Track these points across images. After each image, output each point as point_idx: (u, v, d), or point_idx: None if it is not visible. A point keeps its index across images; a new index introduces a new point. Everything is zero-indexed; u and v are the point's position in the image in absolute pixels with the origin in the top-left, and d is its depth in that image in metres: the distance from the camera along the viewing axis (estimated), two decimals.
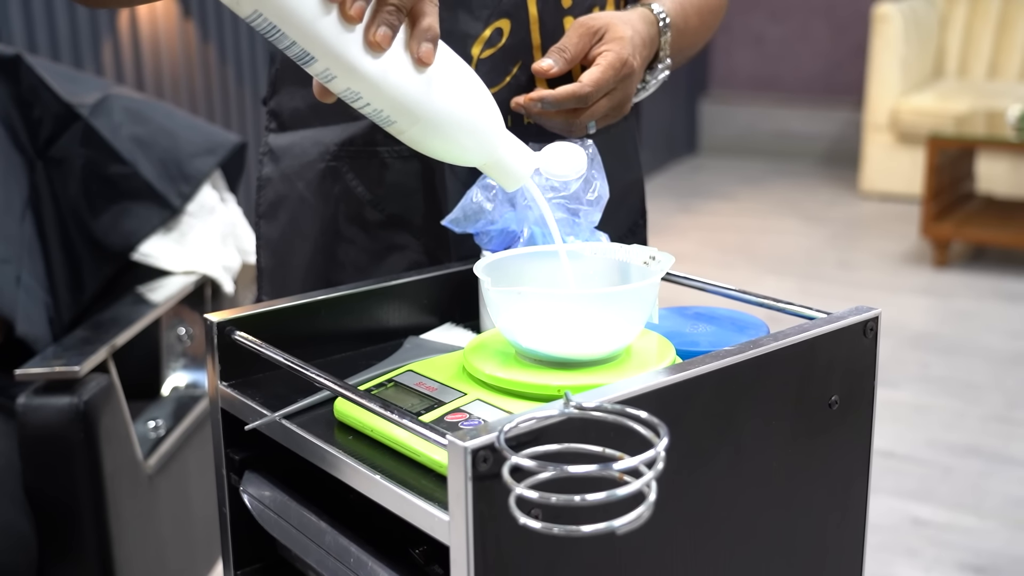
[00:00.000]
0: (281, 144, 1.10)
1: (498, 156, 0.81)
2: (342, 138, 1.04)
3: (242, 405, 0.81)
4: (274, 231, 1.11)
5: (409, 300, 0.94)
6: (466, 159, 0.81)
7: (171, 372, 1.83)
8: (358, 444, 0.72)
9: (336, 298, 0.89)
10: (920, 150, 4.59)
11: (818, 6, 5.54)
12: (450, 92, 0.78)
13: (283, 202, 1.10)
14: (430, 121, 0.77)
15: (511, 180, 0.82)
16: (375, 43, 0.74)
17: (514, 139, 0.82)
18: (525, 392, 0.72)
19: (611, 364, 0.75)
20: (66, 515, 1.37)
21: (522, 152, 0.82)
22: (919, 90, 4.81)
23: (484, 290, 0.75)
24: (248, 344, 0.81)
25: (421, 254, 1.04)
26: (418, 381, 0.77)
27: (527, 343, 0.74)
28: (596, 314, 0.73)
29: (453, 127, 0.78)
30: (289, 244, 1.10)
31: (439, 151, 0.80)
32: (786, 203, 4.85)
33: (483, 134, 0.80)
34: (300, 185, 1.08)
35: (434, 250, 1.04)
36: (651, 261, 0.79)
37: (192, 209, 1.80)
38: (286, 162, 1.09)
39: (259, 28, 0.73)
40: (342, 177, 1.05)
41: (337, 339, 0.90)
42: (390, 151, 1.02)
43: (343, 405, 0.75)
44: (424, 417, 0.71)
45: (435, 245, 1.04)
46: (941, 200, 3.98)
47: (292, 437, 0.75)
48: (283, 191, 1.09)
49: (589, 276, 0.82)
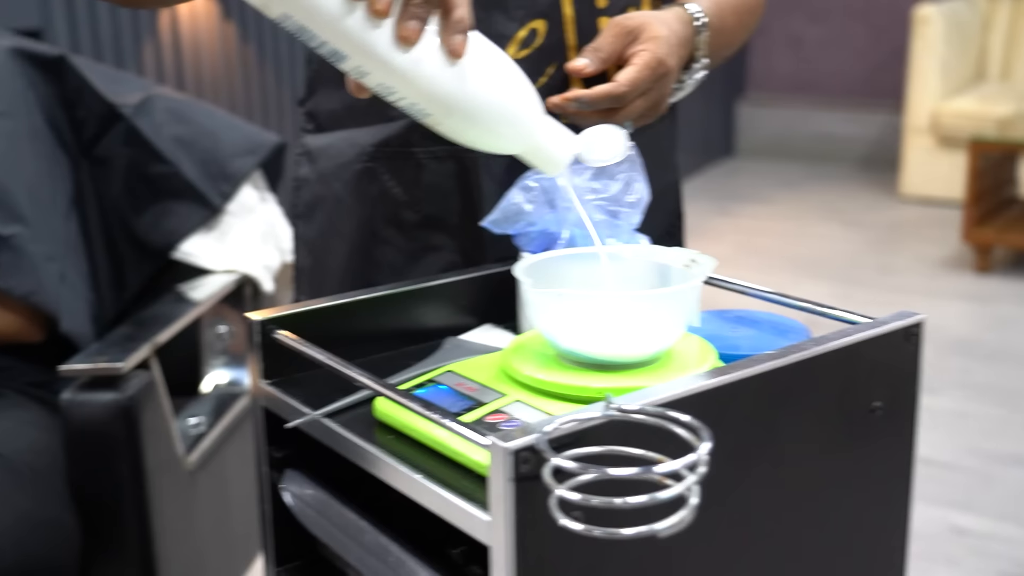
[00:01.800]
0: (318, 145, 1.10)
1: (537, 142, 0.80)
2: (378, 139, 1.04)
3: (283, 403, 0.81)
4: (311, 231, 1.11)
5: (448, 301, 0.94)
6: (505, 147, 0.81)
7: (211, 369, 1.85)
8: (398, 444, 0.72)
9: (376, 298, 0.89)
10: (961, 154, 4.53)
11: (857, 8, 5.49)
12: (485, 82, 0.77)
13: (320, 203, 1.10)
14: (465, 112, 0.77)
15: (552, 165, 0.81)
16: (405, 37, 0.74)
17: (553, 124, 0.82)
18: (565, 394, 0.72)
19: (652, 367, 0.75)
20: (109, 510, 1.39)
21: (562, 137, 0.82)
22: (960, 93, 4.76)
23: (524, 291, 0.76)
24: (289, 343, 0.82)
25: (457, 255, 1.04)
26: (458, 382, 0.78)
27: (567, 344, 0.74)
28: (637, 316, 0.73)
29: (489, 117, 0.78)
30: (326, 244, 1.10)
31: (476, 141, 0.80)
32: (825, 207, 4.81)
33: (520, 122, 0.80)
34: (337, 186, 1.08)
35: (470, 251, 1.04)
36: (692, 264, 0.79)
37: (232, 208, 1.82)
38: (323, 163, 1.10)
39: (289, 29, 0.74)
40: (378, 178, 1.05)
41: (377, 339, 0.90)
42: (426, 152, 1.03)
43: (383, 405, 0.75)
44: (464, 418, 0.71)
45: (471, 246, 1.04)
46: (983, 205, 3.93)
47: (332, 436, 0.76)
48: (320, 192, 1.10)
49: (629, 278, 0.82)
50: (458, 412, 0.73)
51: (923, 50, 4.64)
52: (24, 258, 1.54)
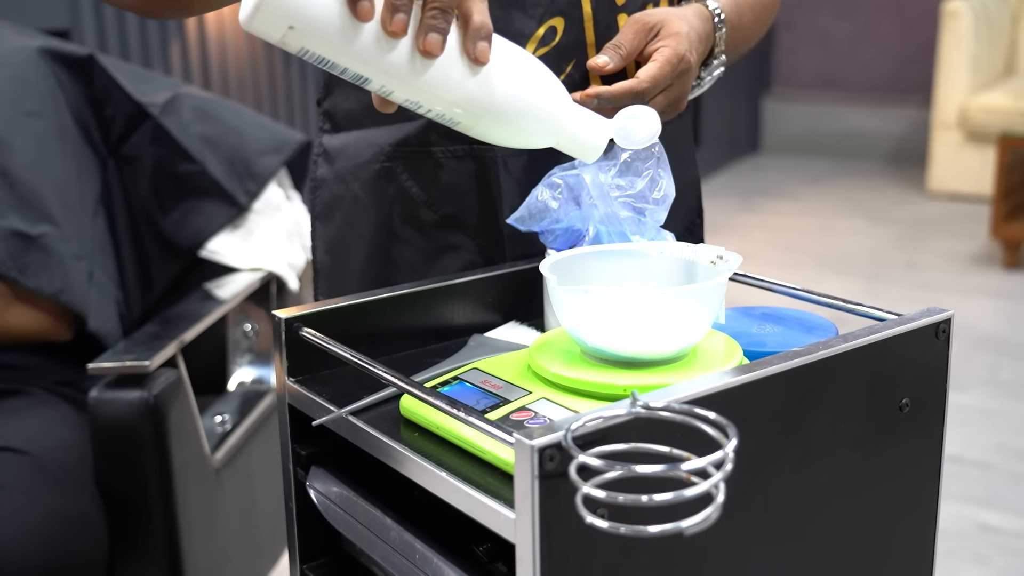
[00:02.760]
0: (335, 145, 1.10)
1: (570, 133, 0.81)
2: (396, 139, 1.04)
3: (309, 401, 0.82)
4: (330, 231, 1.12)
5: (473, 298, 0.94)
6: (538, 142, 0.81)
7: (237, 367, 1.86)
8: (424, 441, 0.73)
9: (401, 296, 0.90)
10: (990, 149, 4.49)
11: (885, 3, 5.44)
12: (512, 83, 0.78)
13: (338, 203, 1.10)
14: (496, 115, 0.78)
15: (588, 152, 0.82)
16: (427, 51, 0.73)
17: (583, 112, 0.82)
18: (591, 391, 0.72)
19: (678, 364, 0.75)
20: (136, 507, 1.40)
21: (594, 123, 0.82)
22: (990, 88, 4.71)
23: (550, 288, 0.75)
24: (315, 341, 0.82)
25: (476, 254, 1.04)
26: (483, 379, 0.78)
27: (593, 342, 0.74)
28: (663, 313, 0.73)
29: (520, 116, 0.79)
30: (344, 244, 1.11)
31: (509, 140, 0.81)
32: (851, 203, 4.78)
33: (551, 116, 0.80)
34: (355, 186, 1.08)
35: (488, 250, 1.04)
36: (718, 260, 0.79)
37: (258, 207, 1.83)
38: (340, 163, 1.10)
39: (310, 60, 0.74)
40: (396, 178, 1.05)
41: (402, 336, 0.91)
42: (444, 151, 1.03)
43: (409, 402, 0.75)
44: (490, 415, 0.71)
45: (489, 245, 1.04)
46: (1012, 200, 3.89)
47: (358, 433, 0.76)
48: (338, 192, 1.10)
49: (655, 275, 0.82)
50: (484, 409, 0.73)
51: (952, 44, 4.60)
52: (53, 257, 1.55)
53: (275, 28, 0.71)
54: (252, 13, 0.70)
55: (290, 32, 0.71)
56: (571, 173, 0.90)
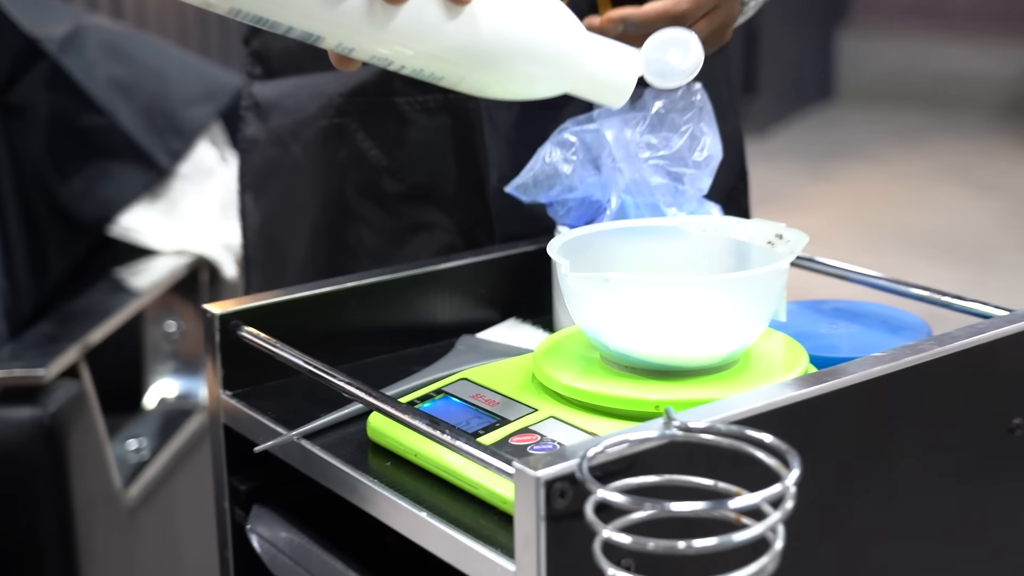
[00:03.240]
0: (269, 95, 1.10)
1: (588, 73, 0.80)
2: (349, 87, 1.04)
3: (250, 421, 0.82)
4: (263, 208, 1.13)
5: (462, 290, 0.95)
6: (547, 90, 0.81)
7: (157, 378, 1.86)
8: (398, 472, 0.73)
9: (370, 286, 0.90)
10: None
11: None
12: (503, 19, 0.76)
13: (273, 171, 1.11)
14: (488, 63, 0.77)
15: (613, 94, 0.81)
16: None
17: (602, 43, 0.80)
18: (614, 408, 0.73)
19: (725, 373, 0.75)
20: (26, 554, 1.41)
21: (618, 56, 0.81)
22: None
23: (560, 276, 0.76)
24: (259, 343, 0.83)
25: (455, 235, 1.05)
26: (475, 393, 0.78)
27: (617, 344, 0.75)
28: (707, 308, 0.74)
29: (518, 60, 0.78)
30: (283, 225, 1.12)
31: (510, 91, 0.80)
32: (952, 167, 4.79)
33: (560, 54, 0.79)
34: (295, 149, 1.08)
35: (471, 229, 1.05)
36: (778, 240, 0.79)
37: (185, 171, 1.83)
38: (276, 119, 1.10)
39: (246, 21, 0.74)
40: (350, 137, 1.05)
41: (371, 339, 0.91)
42: (412, 102, 1.03)
43: (379, 422, 0.76)
44: (483, 439, 0.72)
45: (472, 223, 1.05)
46: None
47: (314, 462, 0.76)
48: (273, 157, 1.10)
49: (697, 259, 0.82)
50: (475, 432, 0.73)
51: None
52: None
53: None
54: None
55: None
56: (588, 128, 0.91)
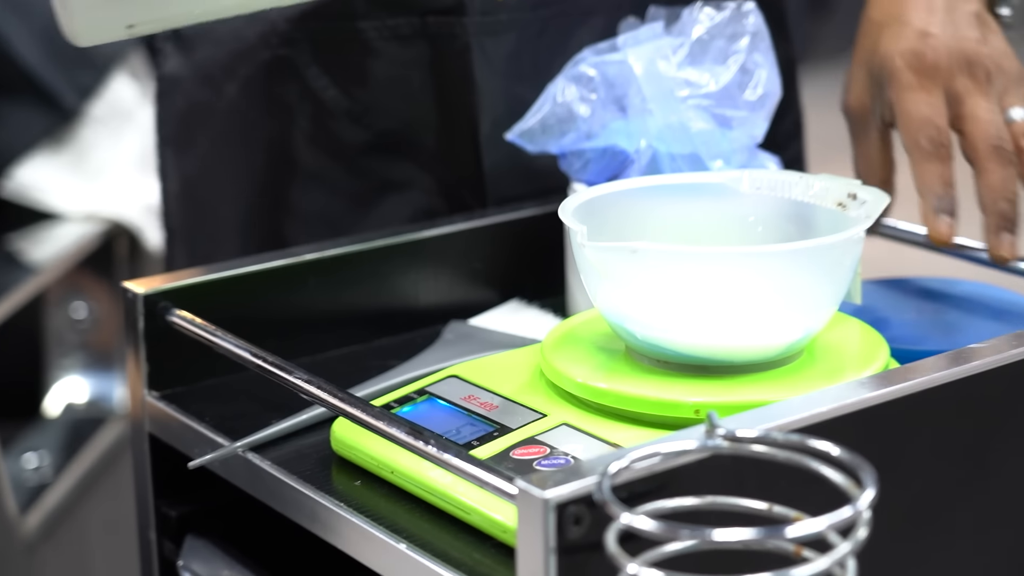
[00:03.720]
0: None
1: None
2: (300, 9, 1.04)
3: (183, 429, 0.83)
4: (187, 166, 1.14)
5: (451, 264, 0.96)
6: None
7: (62, 376, 1.87)
8: (370, 493, 0.74)
9: (334, 259, 0.91)
10: None
11: None
12: None
13: (201, 118, 1.12)
14: None
15: None
16: None
17: None
18: (642, 413, 0.74)
19: (783, 370, 0.76)
20: None
21: None
22: None
23: (576, 247, 0.76)
24: (194, 331, 0.84)
25: (435, 196, 1.06)
26: (467, 394, 0.79)
27: (647, 333, 0.76)
28: (761, 288, 0.74)
29: None
30: (213, 187, 1.13)
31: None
32: None
33: None
34: (229, 89, 1.09)
35: (456, 189, 1.06)
36: (850, 202, 0.79)
37: (98, 113, 1.83)
38: (205, 51, 1.10)
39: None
40: (300, 73, 1.06)
41: (335, 326, 0.92)
42: (379, 28, 1.03)
43: (346, 431, 0.77)
44: (478, 452, 0.73)
45: (457, 181, 1.06)
46: None
47: (263, 481, 0.77)
48: (200, 100, 1.11)
49: (749, 225, 0.83)
50: (468, 443, 0.74)
51: None
52: None
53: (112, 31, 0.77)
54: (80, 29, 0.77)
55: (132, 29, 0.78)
56: (611, 59, 0.91)
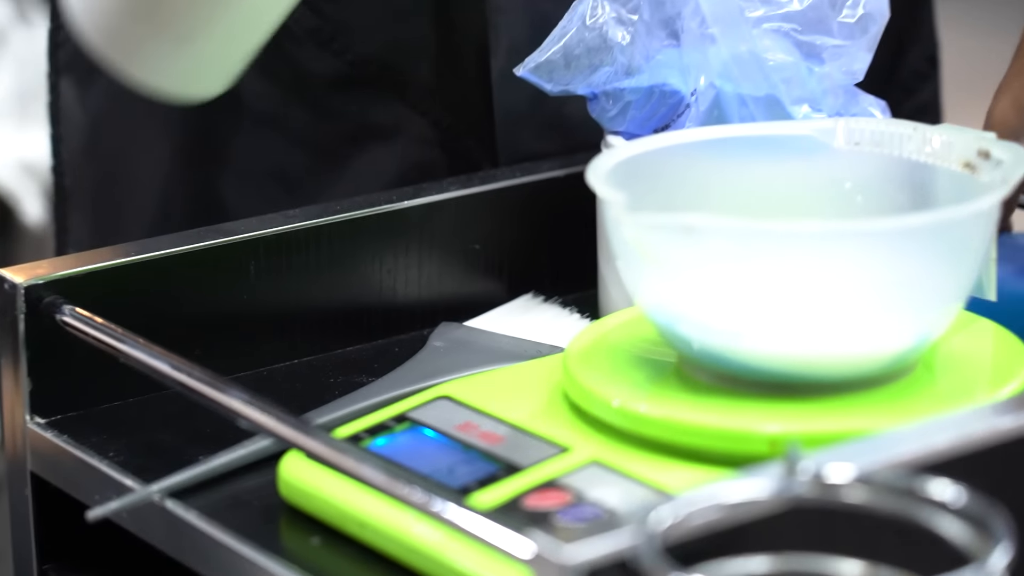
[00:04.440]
0: None
1: None
2: None
3: (77, 467, 0.85)
4: (92, 105, 1.17)
5: (441, 244, 0.98)
6: None
7: None
8: (331, 554, 0.76)
9: (283, 237, 0.93)
10: None
11: None
12: None
13: None
14: None
15: None
16: None
17: None
18: (700, 447, 0.75)
19: (889, 388, 0.78)
20: None
21: None
22: None
23: (610, 222, 0.78)
24: (94, 336, 0.85)
25: (429, 146, 1.09)
26: (463, 420, 0.81)
27: (706, 339, 0.77)
28: (861, 279, 0.76)
29: None
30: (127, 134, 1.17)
31: None
32: None
33: None
34: None
35: (461, 137, 1.09)
36: (982, 162, 0.81)
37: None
38: None
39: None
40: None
41: (287, 329, 0.94)
42: None
43: (298, 471, 0.78)
44: (477, 499, 0.74)
45: (464, 127, 1.09)
46: None
47: (187, 537, 0.79)
48: None
49: (845, 193, 0.85)
50: (465, 486, 0.75)
51: None
52: None
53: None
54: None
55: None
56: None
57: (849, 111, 0.93)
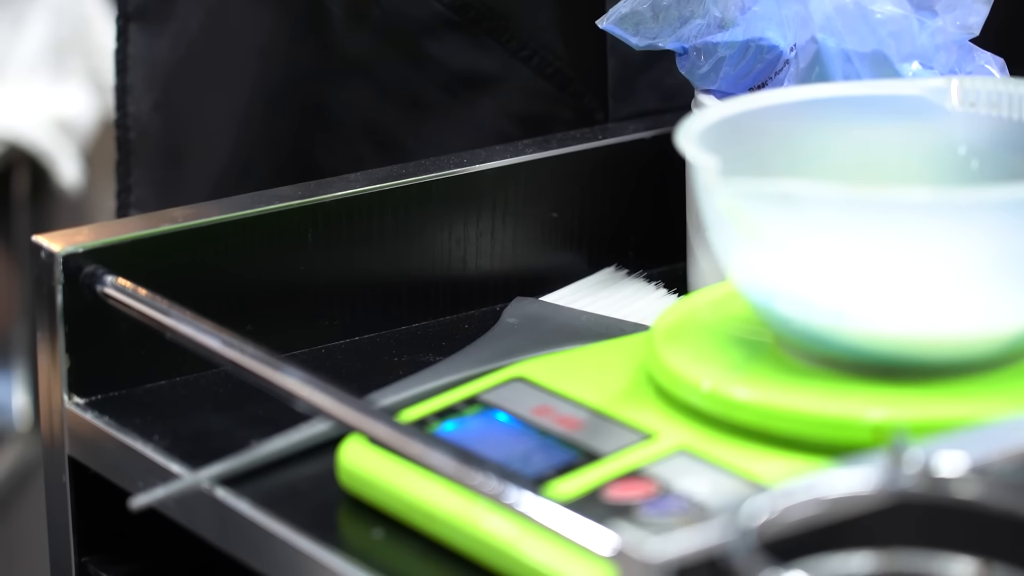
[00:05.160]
0: None
1: None
2: None
3: (118, 451, 0.85)
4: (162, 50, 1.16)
5: (515, 213, 0.98)
6: None
7: None
8: (396, 549, 0.75)
9: (344, 202, 0.93)
10: None
11: None
12: None
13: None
14: None
15: None
16: None
17: None
18: (796, 434, 0.74)
19: (1007, 372, 0.77)
20: None
21: None
22: None
23: (700, 190, 0.77)
24: (137, 309, 0.85)
25: (539, 100, 1.08)
26: (539, 404, 0.80)
27: (807, 318, 0.77)
28: (977, 252, 0.75)
29: None
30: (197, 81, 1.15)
31: None
32: None
33: None
34: None
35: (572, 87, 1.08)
36: None
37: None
38: None
39: None
40: None
41: (347, 303, 0.94)
42: None
43: (360, 458, 0.78)
44: (555, 487, 0.73)
45: (576, 76, 1.08)
46: None
47: (237, 528, 0.78)
48: None
49: (959, 159, 0.84)
50: (541, 476, 0.75)
51: None
52: None
53: None
54: None
55: None
56: None
57: (963, 69, 0.92)
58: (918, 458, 0.61)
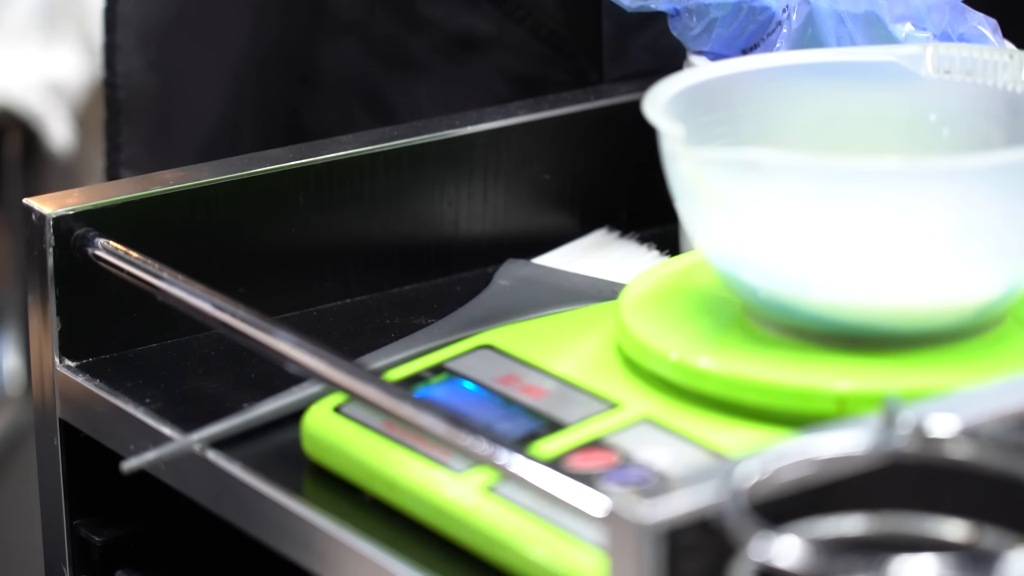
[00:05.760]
0: None
1: None
2: None
3: (110, 414, 0.85)
4: (155, 8, 1.16)
5: (507, 174, 0.98)
6: None
7: None
8: (385, 512, 0.75)
9: (336, 164, 0.93)
10: None
11: None
12: None
13: None
14: None
15: None
16: None
17: None
18: (761, 404, 0.75)
19: (975, 342, 0.77)
20: None
21: None
22: None
23: (667, 159, 0.77)
24: (128, 271, 0.85)
25: (533, 62, 1.09)
26: (505, 373, 0.80)
27: (773, 286, 0.77)
28: (945, 220, 0.75)
29: None
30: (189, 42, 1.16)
31: None
32: None
33: None
34: None
35: (566, 49, 1.08)
36: None
37: None
38: None
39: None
40: None
41: (338, 264, 0.94)
42: None
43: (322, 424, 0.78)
44: None
45: (570, 36, 1.08)
46: None
47: (230, 491, 0.79)
48: None
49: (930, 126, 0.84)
50: (513, 439, 0.74)
51: None
52: None
53: None
54: None
55: None
56: None
57: (956, 30, 0.91)
58: (910, 420, 0.61)
